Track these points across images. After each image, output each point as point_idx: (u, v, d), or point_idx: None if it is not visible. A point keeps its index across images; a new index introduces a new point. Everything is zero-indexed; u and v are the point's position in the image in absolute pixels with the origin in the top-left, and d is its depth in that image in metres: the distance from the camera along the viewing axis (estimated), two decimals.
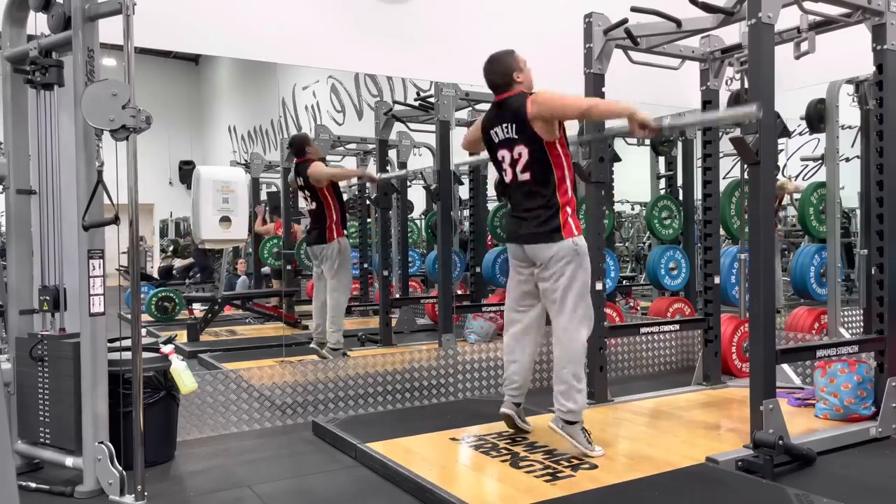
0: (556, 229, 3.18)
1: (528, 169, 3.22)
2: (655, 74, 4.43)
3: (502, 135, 3.28)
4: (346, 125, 6.59)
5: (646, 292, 8.00)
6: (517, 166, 3.26)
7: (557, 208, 3.20)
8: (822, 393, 3.70)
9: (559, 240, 3.18)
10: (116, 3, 2.85)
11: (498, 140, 3.31)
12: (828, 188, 4.94)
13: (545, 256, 3.21)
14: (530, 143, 3.19)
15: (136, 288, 3.00)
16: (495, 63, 3.33)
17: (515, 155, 3.25)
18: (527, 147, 3.20)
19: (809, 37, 3.49)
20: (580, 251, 3.22)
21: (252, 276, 6.91)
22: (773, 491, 2.76)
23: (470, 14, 5.08)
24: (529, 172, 3.23)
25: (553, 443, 3.30)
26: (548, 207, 3.20)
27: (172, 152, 6.96)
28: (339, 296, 5.15)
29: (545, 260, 3.22)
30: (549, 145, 3.19)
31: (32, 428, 3.16)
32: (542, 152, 3.20)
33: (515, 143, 3.24)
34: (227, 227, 4.84)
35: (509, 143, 3.26)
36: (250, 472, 3.30)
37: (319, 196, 5.15)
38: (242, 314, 6.63)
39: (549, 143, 3.19)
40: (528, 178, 3.24)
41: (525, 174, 3.24)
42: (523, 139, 3.21)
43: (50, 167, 3.18)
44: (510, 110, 3.25)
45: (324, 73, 6.61)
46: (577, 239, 3.21)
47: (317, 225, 5.21)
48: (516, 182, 3.29)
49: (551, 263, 3.21)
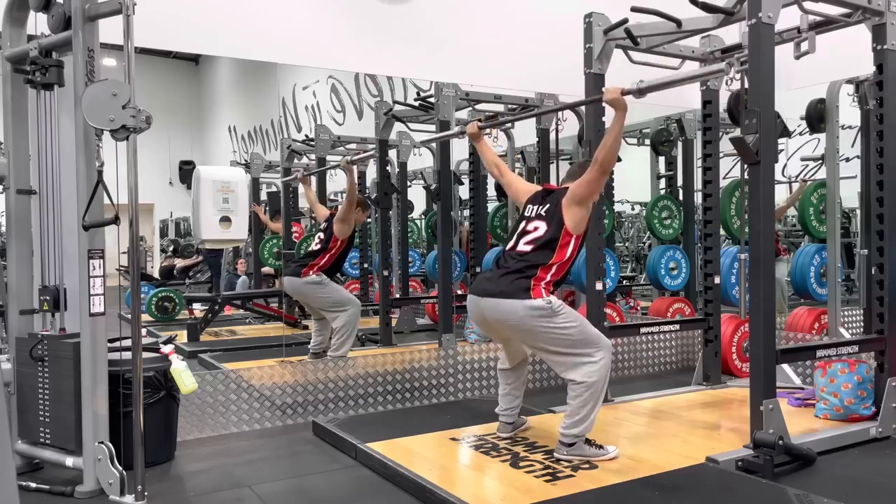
0: (525, 289, 3.07)
1: (534, 244, 3.20)
2: (655, 74, 4.42)
3: (533, 212, 3.32)
4: (346, 125, 6.60)
5: (646, 292, 8.00)
6: (525, 237, 3.25)
7: (532, 277, 3.10)
8: (822, 393, 3.70)
9: (526, 298, 3.06)
10: (116, 3, 2.85)
11: (528, 214, 3.35)
12: (828, 188, 4.94)
13: (511, 316, 3.10)
14: (551, 223, 3.20)
15: (136, 288, 3.00)
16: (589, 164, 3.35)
17: (531, 228, 3.26)
18: (547, 226, 3.21)
19: (809, 37, 3.48)
20: (553, 308, 3.06)
21: (252, 275, 6.91)
22: (773, 491, 2.76)
23: (470, 14, 5.08)
24: (532, 246, 3.20)
25: (553, 443, 3.30)
26: (523, 273, 3.11)
27: (172, 152, 6.97)
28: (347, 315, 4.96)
29: (513, 321, 3.11)
30: (567, 232, 3.18)
31: (32, 428, 3.16)
32: (556, 237, 3.17)
33: (537, 219, 3.27)
34: (227, 227, 4.85)
35: (534, 218, 3.29)
36: (250, 472, 3.30)
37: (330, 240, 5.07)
38: (242, 314, 6.64)
39: (567, 230, 3.18)
40: (527, 251, 3.20)
41: (528, 246, 3.21)
42: (547, 218, 3.23)
43: (50, 167, 3.18)
44: (552, 194, 3.32)
45: (324, 73, 6.61)
46: (548, 298, 3.07)
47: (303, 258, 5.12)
48: (514, 250, 3.25)
49: (522, 325, 3.10)
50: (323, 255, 5.01)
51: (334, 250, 5.04)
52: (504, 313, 3.13)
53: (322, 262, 4.99)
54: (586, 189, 3.19)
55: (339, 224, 5.05)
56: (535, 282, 3.09)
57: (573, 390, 3.12)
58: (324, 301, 4.99)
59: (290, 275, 5.07)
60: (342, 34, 4.64)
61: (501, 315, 3.15)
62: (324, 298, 4.99)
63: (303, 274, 4.96)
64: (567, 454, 3.14)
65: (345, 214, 5.05)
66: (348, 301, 5.04)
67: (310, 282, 4.95)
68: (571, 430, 3.12)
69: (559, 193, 3.29)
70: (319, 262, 4.99)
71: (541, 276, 3.11)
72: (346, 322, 4.93)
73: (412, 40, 4.87)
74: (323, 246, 5.05)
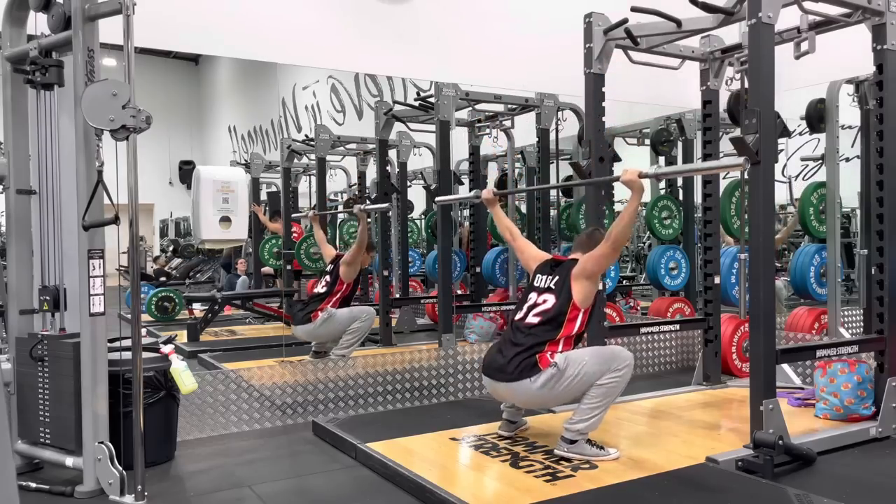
0: (534, 366, 3.12)
1: (541, 316, 3.23)
2: (655, 74, 4.43)
3: (543, 283, 3.35)
4: (346, 125, 6.59)
5: (646, 292, 8.00)
6: (534, 309, 3.27)
7: (539, 353, 3.14)
8: (822, 393, 3.70)
9: (535, 374, 3.11)
10: (116, 3, 2.85)
11: (537, 285, 3.37)
12: (828, 188, 4.94)
13: (527, 395, 3.18)
14: (560, 297, 3.23)
15: (136, 288, 3.00)
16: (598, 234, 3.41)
17: (540, 300, 3.28)
18: (556, 298, 3.24)
19: (809, 37, 3.49)
20: (560, 368, 3.10)
21: (252, 275, 6.91)
22: (773, 491, 2.76)
23: (470, 14, 5.08)
24: (540, 318, 3.23)
25: (553, 443, 3.30)
26: (532, 351, 3.15)
27: (172, 152, 6.96)
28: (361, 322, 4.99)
29: (531, 397, 3.19)
30: (574, 306, 3.20)
31: (32, 428, 3.16)
32: (564, 310, 3.20)
33: (547, 292, 3.29)
34: (227, 227, 4.86)
35: (543, 290, 3.31)
36: (250, 472, 3.30)
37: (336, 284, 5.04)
38: (242, 314, 6.63)
39: (576, 305, 3.21)
40: (535, 323, 3.23)
41: (536, 318, 3.24)
42: (556, 291, 3.25)
43: (50, 167, 3.18)
44: (561, 266, 3.35)
45: (324, 73, 6.61)
46: (554, 361, 3.12)
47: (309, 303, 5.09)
48: (524, 322, 3.27)
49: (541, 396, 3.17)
50: (329, 297, 5.01)
51: (339, 294, 5.04)
52: (521, 394, 3.21)
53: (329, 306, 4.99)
54: (596, 265, 3.24)
55: (345, 267, 5.04)
56: (540, 356, 3.14)
57: (590, 392, 3.14)
58: (341, 329, 4.98)
59: (300, 323, 5.02)
60: (342, 34, 4.64)
61: (519, 396, 3.24)
62: (339, 329, 4.98)
63: (312, 318, 4.96)
64: (567, 451, 3.15)
65: (353, 258, 5.05)
66: (361, 312, 5.05)
67: (321, 321, 4.94)
68: (577, 426, 3.13)
69: (569, 265, 3.31)
70: (326, 307, 4.98)
71: (549, 350, 3.16)
72: (360, 327, 4.96)
73: (412, 40, 4.87)
74: (329, 289, 5.05)
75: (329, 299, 5.00)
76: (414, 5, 4.87)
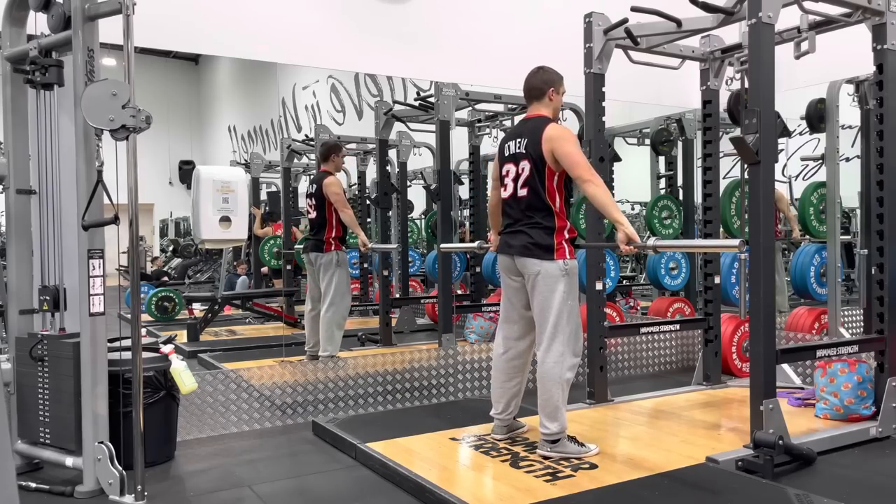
0: (549, 249, 3.16)
1: (528, 185, 3.21)
2: (655, 74, 4.43)
3: (514, 149, 3.29)
4: (346, 125, 6.59)
5: (646, 292, 8.00)
6: (518, 181, 3.24)
7: (554, 230, 3.17)
8: (822, 393, 3.70)
9: (550, 259, 3.15)
10: (116, 3, 2.85)
11: (508, 153, 3.32)
12: (828, 188, 4.94)
13: (533, 272, 3.19)
14: (536, 162, 3.19)
15: (136, 288, 3.00)
16: (541, 72, 3.36)
17: (520, 170, 3.24)
18: (532, 164, 3.20)
19: (809, 37, 3.49)
20: (570, 272, 3.17)
21: (252, 275, 6.92)
22: (773, 491, 2.76)
23: (470, 14, 5.08)
24: (528, 189, 3.21)
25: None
26: (545, 228, 3.18)
27: (172, 152, 6.96)
28: (334, 313, 4.90)
29: (532, 275, 3.19)
30: (550, 172, 3.18)
31: (32, 428, 3.16)
32: (543, 174, 3.18)
33: (522, 158, 3.23)
34: (227, 227, 4.84)
35: (517, 157, 3.26)
36: (250, 472, 3.30)
37: (325, 210, 4.95)
38: (242, 314, 6.63)
39: (551, 171, 3.18)
40: (525, 195, 3.22)
41: (524, 190, 3.22)
42: (531, 156, 3.20)
43: (50, 167, 3.18)
44: (528, 128, 3.28)
45: (324, 73, 6.61)
46: (568, 261, 3.18)
47: (315, 235, 5.03)
48: (515, 197, 3.26)
49: (538, 281, 3.17)
50: (327, 225, 4.94)
51: (334, 216, 4.95)
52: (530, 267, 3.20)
53: (335, 233, 4.93)
54: (563, 149, 3.12)
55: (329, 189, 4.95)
56: (557, 237, 3.15)
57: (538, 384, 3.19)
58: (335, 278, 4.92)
59: (310, 250, 5.01)
60: (342, 34, 4.64)
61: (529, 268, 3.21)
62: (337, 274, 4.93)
63: (325, 250, 4.93)
64: (550, 450, 3.16)
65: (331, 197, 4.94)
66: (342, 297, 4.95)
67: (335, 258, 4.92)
68: (550, 425, 3.14)
69: (535, 128, 3.22)
70: (333, 234, 4.92)
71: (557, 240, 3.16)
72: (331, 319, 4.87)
73: (412, 40, 4.87)
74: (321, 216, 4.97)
75: (329, 229, 4.92)
76: (414, 5, 4.87)
